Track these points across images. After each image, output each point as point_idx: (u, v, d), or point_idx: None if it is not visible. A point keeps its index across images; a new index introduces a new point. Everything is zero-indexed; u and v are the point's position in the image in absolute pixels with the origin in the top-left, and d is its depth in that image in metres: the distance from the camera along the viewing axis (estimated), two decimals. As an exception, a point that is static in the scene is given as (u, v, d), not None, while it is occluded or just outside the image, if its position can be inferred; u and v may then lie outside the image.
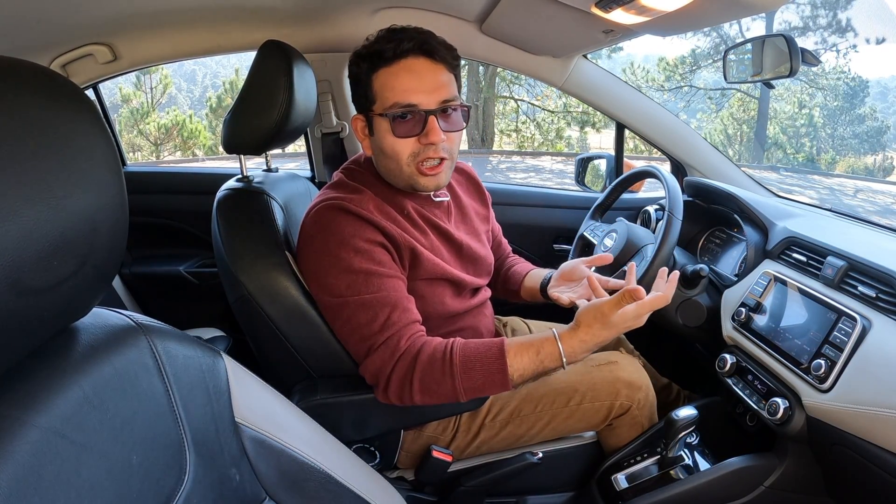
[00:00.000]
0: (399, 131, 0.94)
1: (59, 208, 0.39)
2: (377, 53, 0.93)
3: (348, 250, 0.92)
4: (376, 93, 0.95)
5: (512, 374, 0.88)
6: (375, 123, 0.97)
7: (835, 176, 14.61)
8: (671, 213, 1.16)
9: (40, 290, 0.39)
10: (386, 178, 1.03)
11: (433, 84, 0.93)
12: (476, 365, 0.89)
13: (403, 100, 0.92)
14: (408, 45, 0.92)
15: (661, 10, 0.94)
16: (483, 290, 1.18)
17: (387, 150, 0.97)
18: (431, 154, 0.95)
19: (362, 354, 0.94)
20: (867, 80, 16.05)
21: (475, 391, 0.89)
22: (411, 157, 0.96)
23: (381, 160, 1.01)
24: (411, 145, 0.95)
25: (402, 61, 0.93)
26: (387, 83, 0.94)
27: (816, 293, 1.00)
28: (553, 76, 1.56)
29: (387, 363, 0.90)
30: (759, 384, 1.04)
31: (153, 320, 0.56)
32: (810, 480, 1.03)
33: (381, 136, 0.96)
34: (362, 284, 0.91)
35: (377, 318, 0.91)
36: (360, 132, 1.02)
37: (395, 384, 0.91)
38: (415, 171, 0.97)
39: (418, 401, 0.90)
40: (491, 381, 0.89)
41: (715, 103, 15.98)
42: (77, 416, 0.44)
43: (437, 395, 0.90)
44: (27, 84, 0.40)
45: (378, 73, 0.94)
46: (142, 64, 1.61)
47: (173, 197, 1.81)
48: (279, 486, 0.62)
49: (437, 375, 0.89)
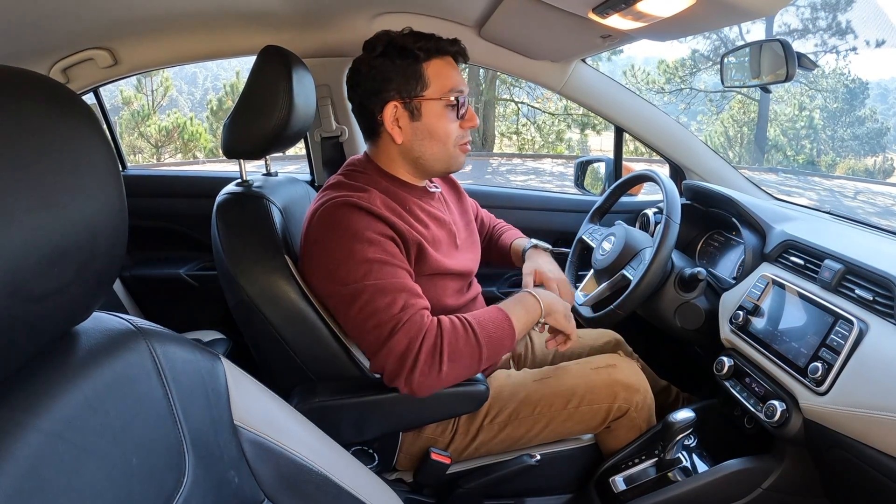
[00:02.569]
0: (460, 115, 1.05)
1: (59, 215, 0.40)
2: (434, 44, 1.02)
3: (362, 242, 0.93)
4: (430, 78, 1.01)
5: (515, 325, 0.99)
6: (426, 108, 1.02)
7: (835, 178, 14.61)
8: (669, 216, 1.16)
9: (41, 296, 0.40)
10: (421, 162, 1.07)
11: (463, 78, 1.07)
12: (489, 326, 0.97)
13: (457, 86, 1.03)
14: (457, 48, 1.05)
15: (657, 15, 0.94)
16: (474, 284, 1.21)
17: (440, 132, 1.03)
18: (468, 137, 1.09)
19: (383, 338, 0.91)
20: (867, 81, 16.08)
21: (492, 349, 0.96)
22: (458, 139, 1.06)
23: (425, 144, 1.05)
24: (457, 128, 1.05)
25: (449, 56, 1.04)
26: (442, 71, 1.02)
27: (814, 296, 1.00)
28: (551, 80, 1.57)
29: (415, 340, 0.90)
30: (757, 387, 1.04)
31: (153, 324, 0.57)
32: (808, 483, 1.03)
33: (432, 119, 1.03)
34: (378, 271, 0.93)
35: (396, 302, 0.92)
36: (393, 119, 1.02)
37: (424, 359, 0.90)
38: (458, 152, 1.07)
39: (445, 372, 0.91)
40: (504, 335, 0.98)
41: (715, 105, 16.00)
42: (78, 419, 0.44)
43: (462, 361, 0.93)
44: (26, 92, 0.40)
45: (432, 61, 1.02)
46: (142, 68, 1.62)
47: (174, 200, 1.82)
48: (278, 488, 0.62)
49: (462, 340, 0.93)
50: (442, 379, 0.92)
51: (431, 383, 0.92)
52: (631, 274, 1.21)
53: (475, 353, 0.94)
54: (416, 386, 0.91)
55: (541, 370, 1.18)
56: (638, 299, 1.15)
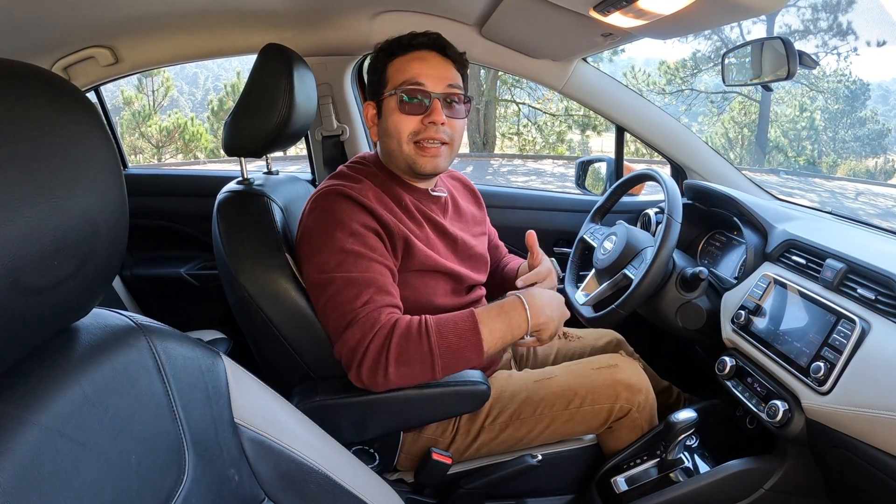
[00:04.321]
0: (405, 109, 1.01)
1: (60, 209, 0.40)
2: (395, 43, 1.03)
3: (343, 232, 0.94)
4: (389, 77, 1.03)
5: (485, 338, 0.92)
6: (384, 105, 1.03)
7: (836, 179, 14.59)
8: (671, 216, 1.16)
9: (41, 289, 0.39)
10: (387, 162, 1.08)
11: (441, 72, 1.02)
12: (449, 326, 0.92)
13: (412, 78, 1.00)
14: (422, 39, 1.03)
15: (658, 13, 0.94)
16: (478, 288, 1.19)
17: (391, 128, 1.02)
18: (433, 134, 1.01)
19: (341, 329, 0.92)
20: (868, 82, 16.06)
21: (451, 359, 0.91)
22: (412, 135, 1.01)
23: (384, 142, 1.06)
24: (414, 124, 1.01)
25: (416, 52, 1.02)
26: (400, 68, 1.02)
27: (816, 296, 1.00)
28: (553, 80, 1.57)
29: (366, 335, 0.90)
30: (759, 387, 1.04)
31: (153, 321, 0.57)
32: (810, 483, 1.03)
33: (387, 115, 1.03)
34: (351, 264, 0.93)
35: (360, 296, 0.92)
36: (369, 120, 1.09)
37: (372, 355, 0.89)
38: (413, 150, 1.02)
39: (392, 373, 0.89)
40: (465, 342, 0.91)
41: (716, 107, 15.98)
42: (77, 415, 0.44)
43: (411, 366, 0.90)
44: (29, 86, 0.40)
45: (394, 60, 1.03)
46: (143, 67, 1.62)
47: (174, 199, 1.82)
48: (278, 486, 0.62)
49: (414, 338, 0.90)
50: (389, 379, 0.90)
51: (379, 381, 0.91)
52: (632, 273, 1.21)
53: (426, 359, 0.90)
54: (366, 381, 0.91)
55: (542, 370, 1.18)
56: (639, 299, 1.15)
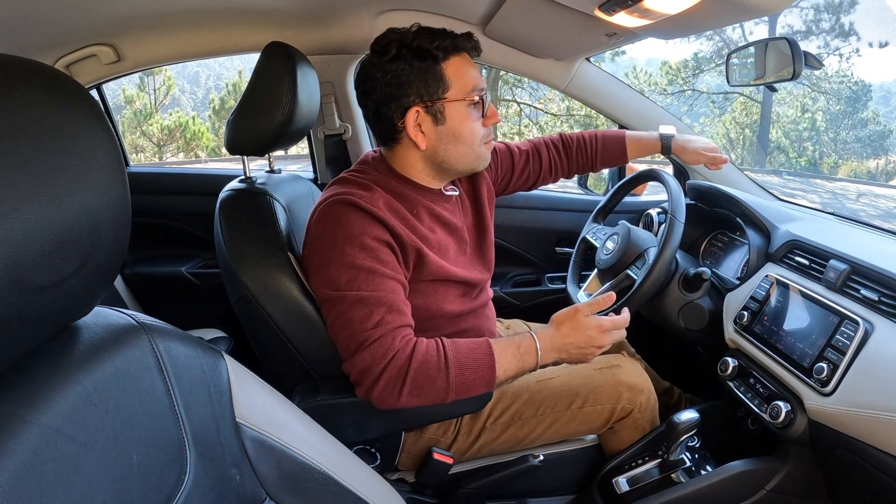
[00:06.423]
0: (480, 115, 1.01)
1: (62, 206, 0.39)
2: (451, 41, 0.96)
3: (354, 246, 0.91)
4: (451, 79, 0.96)
5: (498, 377, 0.91)
6: (449, 110, 0.97)
7: (838, 180, 14.59)
8: (673, 216, 1.15)
9: (42, 287, 0.39)
10: (446, 166, 1.02)
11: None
12: (468, 362, 0.91)
13: (479, 83, 0.99)
14: (471, 42, 0.99)
15: (663, 13, 0.94)
16: (485, 290, 1.18)
17: (465, 134, 0.99)
18: (492, 133, 1.06)
19: (352, 350, 0.91)
20: (870, 83, 16.04)
21: (463, 389, 0.91)
22: (483, 138, 1.03)
23: (450, 147, 1.00)
24: (481, 127, 1.02)
25: (465, 53, 0.99)
26: (461, 70, 0.98)
27: (818, 296, 1.00)
28: (556, 79, 1.57)
29: (378, 361, 0.88)
30: (761, 387, 1.03)
31: (155, 320, 0.56)
32: (812, 484, 1.02)
33: (457, 121, 0.98)
34: (363, 281, 0.91)
35: (371, 316, 0.90)
36: (415, 125, 0.97)
37: (385, 382, 0.88)
38: (484, 150, 1.04)
39: (404, 398, 0.89)
40: (479, 379, 0.91)
41: (718, 107, 15.96)
42: (78, 414, 0.44)
43: (425, 395, 0.89)
44: (32, 83, 0.40)
45: (450, 59, 0.97)
46: (145, 65, 1.62)
47: (176, 198, 1.82)
48: (280, 486, 0.62)
49: (433, 373, 0.89)
50: (401, 402, 0.89)
51: (389, 403, 0.90)
52: (635, 274, 1.21)
53: (440, 393, 0.90)
54: (375, 401, 0.90)
55: (544, 370, 1.17)
56: (642, 299, 1.14)
